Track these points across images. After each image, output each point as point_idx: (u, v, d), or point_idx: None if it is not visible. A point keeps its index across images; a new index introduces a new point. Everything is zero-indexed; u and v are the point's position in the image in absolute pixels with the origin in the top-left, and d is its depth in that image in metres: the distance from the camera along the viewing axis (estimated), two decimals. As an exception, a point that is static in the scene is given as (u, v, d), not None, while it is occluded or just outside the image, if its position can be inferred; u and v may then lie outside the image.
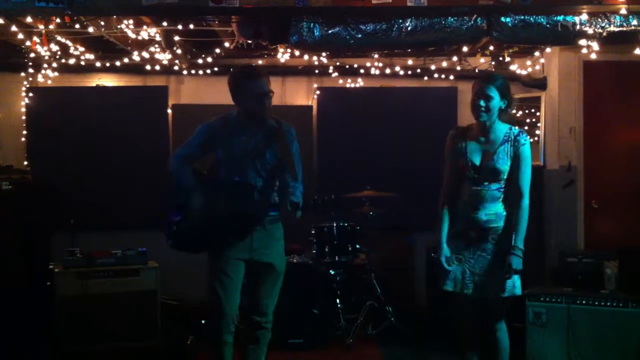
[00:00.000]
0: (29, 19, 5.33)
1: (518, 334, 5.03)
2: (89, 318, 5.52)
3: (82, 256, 5.65)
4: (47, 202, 6.39)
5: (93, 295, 5.55)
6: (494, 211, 3.92)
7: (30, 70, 6.79)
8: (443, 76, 7.16)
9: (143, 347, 5.59)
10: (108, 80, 7.19)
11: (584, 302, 5.00)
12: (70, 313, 5.51)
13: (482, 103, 3.86)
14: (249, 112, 3.92)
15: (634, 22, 5.16)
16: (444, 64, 7.05)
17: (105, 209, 6.66)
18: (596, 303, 4.96)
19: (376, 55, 6.83)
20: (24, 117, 6.95)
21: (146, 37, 6.08)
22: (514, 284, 3.91)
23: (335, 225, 6.00)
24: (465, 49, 6.02)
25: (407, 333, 5.84)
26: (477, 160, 3.93)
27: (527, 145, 3.92)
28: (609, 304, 4.93)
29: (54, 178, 6.55)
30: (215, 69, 7.02)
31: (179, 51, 6.44)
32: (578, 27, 5.18)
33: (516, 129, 3.98)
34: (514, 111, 7.16)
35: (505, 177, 3.91)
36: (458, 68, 7.11)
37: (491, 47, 6.25)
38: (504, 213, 3.93)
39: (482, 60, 7.08)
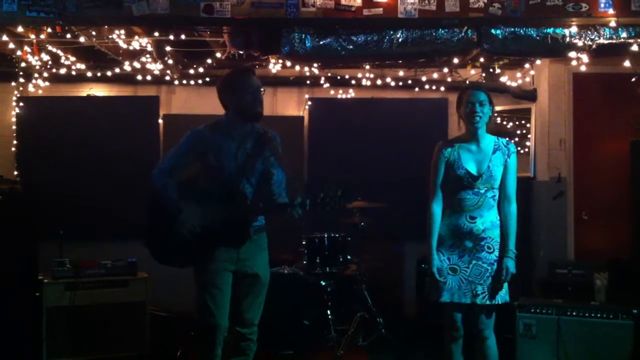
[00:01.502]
0: (20, 29, 5.32)
1: (508, 345, 5.03)
2: (77, 329, 5.48)
3: (71, 267, 5.62)
4: (36, 212, 6.36)
5: (82, 306, 5.51)
6: (490, 220, 4.01)
7: (21, 80, 6.79)
8: (434, 87, 7.19)
9: (132, 359, 5.55)
10: (99, 90, 7.19)
11: (574, 313, 5.00)
12: (58, 324, 5.47)
13: (478, 108, 3.98)
14: (244, 109, 3.88)
15: (623, 35, 5.19)
16: (435, 75, 7.08)
17: (94, 219, 6.64)
18: (586, 314, 4.97)
19: (367, 66, 6.85)
20: (14, 127, 6.94)
21: (137, 47, 6.08)
22: (505, 290, 4.02)
23: (326, 235, 6.00)
24: (455, 60, 6.04)
25: (397, 344, 5.83)
26: (473, 169, 4.00)
27: (515, 154, 4.10)
28: (599, 315, 4.94)
29: (44, 188, 6.52)
30: (207, 79, 7.03)
31: (170, 61, 6.44)
32: (568, 39, 5.21)
33: (503, 139, 4.13)
34: (504, 122, 7.20)
35: (498, 184, 4.02)
36: (449, 79, 7.15)
37: (481, 59, 6.28)
38: (498, 222, 4.04)
39: (473, 71, 7.11)
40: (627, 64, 5.64)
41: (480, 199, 3.98)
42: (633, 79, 6.01)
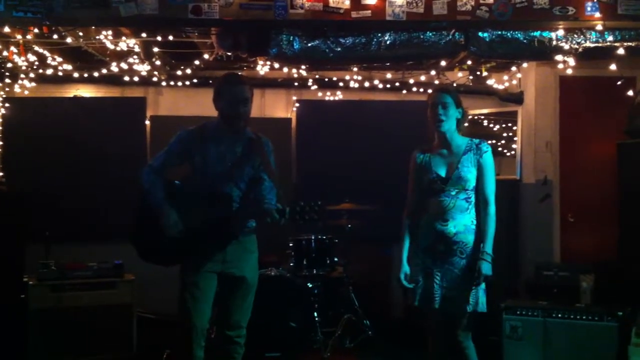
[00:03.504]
0: (6, 29, 5.28)
1: (494, 347, 5.04)
2: (63, 331, 5.45)
3: (57, 268, 5.58)
4: (21, 213, 6.32)
5: (68, 308, 5.48)
6: (463, 223, 3.89)
7: (7, 81, 6.73)
8: (421, 90, 7.19)
9: (118, 361, 5.54)
10: (86, 91, 7.15)
11: (560, 315, 5.03)
12: (44, 326, 5.43)
13: (440, 111, 3.90)
14: (224, 117, 3.88)
15: (609, 38, 5.24)
16: (422, 77, 7.08)
17: (81, 220, 6.60)
18: (572, 316, 4.99)
19: (355, 69, 6.86)
20: (0, 128, 6.89)
21: (125, 48, 6.06)
22: (478, 300, 3.84)
23: (313, 237, 6.00)
24: (443, 63, 6.07)
25: (384, 346, 5.83)
26: (442, 172, 3.95)
27: (489, 153, 3.95)
28: (584, 317, 4.97)
29: (30, 189, 6.47)
30: (194, 80, 7.01)
31: (157, 62, 6.42)
32: (554, 42, 5.25)
33: (477, 139, 4.01)
34: (491, 125, 7.23)
35: (471, 186, 3.91)
36: (436, 82, 7.15)
37: (469, 62, 6.30)
38: (473, 227, 3.91)
39: (460, 74, 7.13)
40: (613, 67, 5.67)
41: (452, 201, 3.89)
42: (619, 82, 6.06)
